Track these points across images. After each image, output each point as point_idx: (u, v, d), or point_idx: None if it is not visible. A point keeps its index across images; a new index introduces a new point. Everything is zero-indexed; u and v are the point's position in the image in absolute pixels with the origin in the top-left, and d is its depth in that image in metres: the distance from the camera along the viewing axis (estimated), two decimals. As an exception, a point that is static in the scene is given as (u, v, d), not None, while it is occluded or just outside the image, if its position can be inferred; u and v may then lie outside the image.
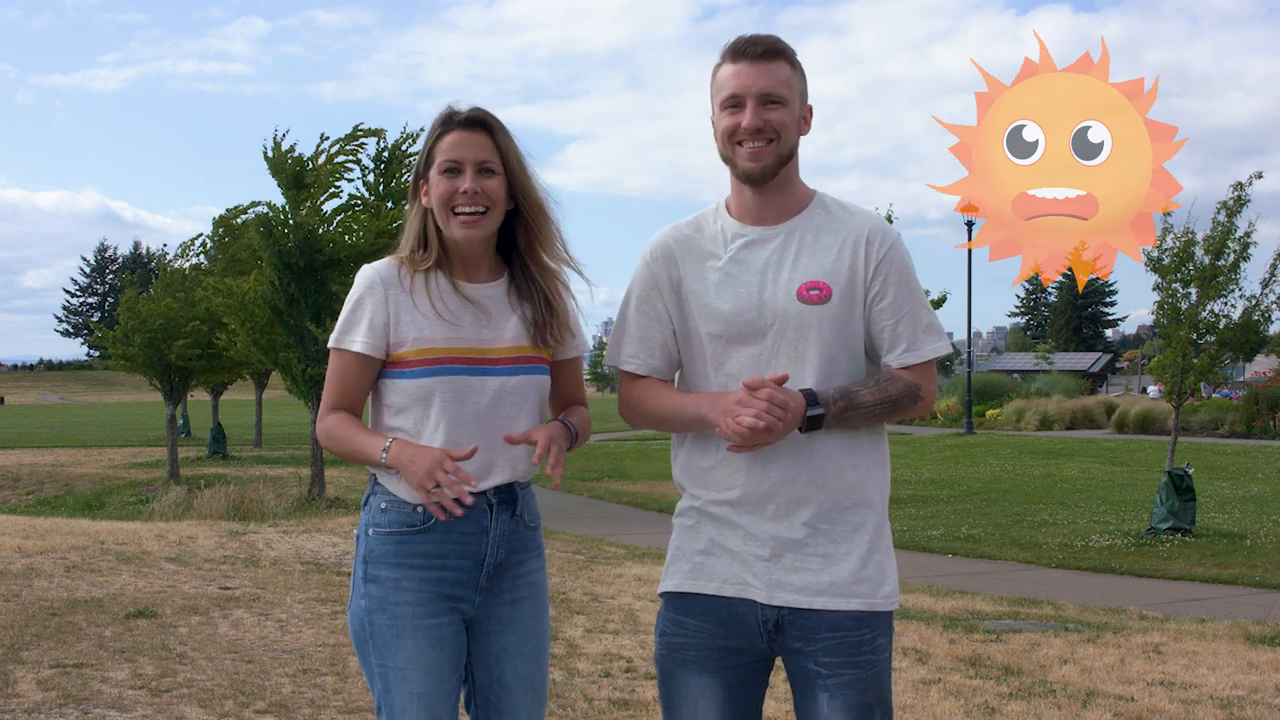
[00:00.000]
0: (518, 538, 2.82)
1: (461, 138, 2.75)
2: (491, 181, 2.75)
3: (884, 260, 2.68)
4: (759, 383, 2.54)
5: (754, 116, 2.64)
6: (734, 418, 2.53)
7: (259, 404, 34.74)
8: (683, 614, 2.72)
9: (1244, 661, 6.56)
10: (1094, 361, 69.83)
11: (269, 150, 17.53)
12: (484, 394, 2.74)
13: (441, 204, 2.75)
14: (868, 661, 2.63)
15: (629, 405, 2.83)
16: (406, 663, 2.69)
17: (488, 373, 2.74)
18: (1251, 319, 13.44)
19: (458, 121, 2.76)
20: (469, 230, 2.74)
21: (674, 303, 2.75)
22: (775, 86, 2.65)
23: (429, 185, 2.77)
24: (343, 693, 5.58)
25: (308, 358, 17.33)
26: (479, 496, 2.74)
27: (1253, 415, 32.22)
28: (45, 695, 5.41)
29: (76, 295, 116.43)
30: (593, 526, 14.87)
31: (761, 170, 2.67)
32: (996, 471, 22.75)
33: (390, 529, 2.74)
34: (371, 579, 2.74)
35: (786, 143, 2.67)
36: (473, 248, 2.78)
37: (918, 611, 8.16)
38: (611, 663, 6.26)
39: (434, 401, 2.71)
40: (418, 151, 2.92)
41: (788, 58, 2.69)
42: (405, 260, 2.78)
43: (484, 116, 2.78)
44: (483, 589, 2.77)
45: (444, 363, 2.71)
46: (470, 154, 2.73)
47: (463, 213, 2.73)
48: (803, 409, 2.56)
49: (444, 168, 2.74)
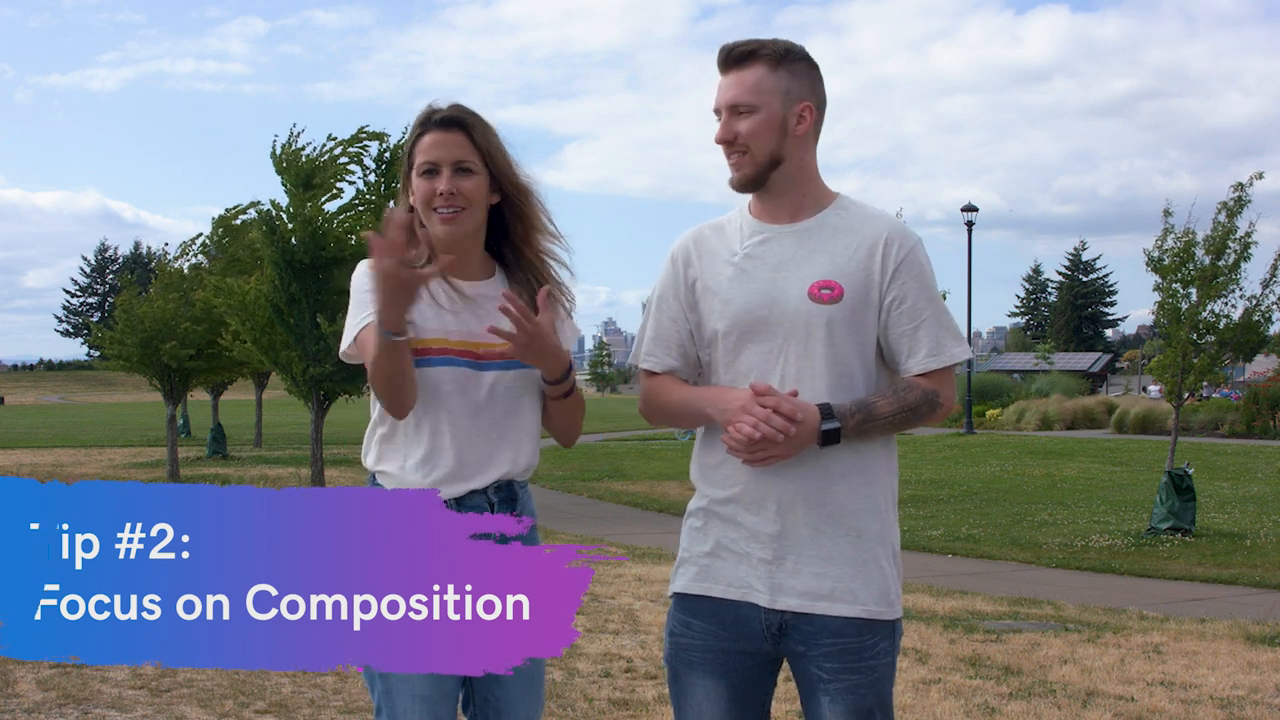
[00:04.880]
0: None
1: (438, 138, 2.76)
2: (468, 181, 2.75)
3: (903, 264, 2.64)
4: (767, 389, 2.52)
5: (723, 129, 2.63)
6: (733, 424, 2.52)
7: (259, 404, 34.72)
8: (690, 615, 2.71)
9: (1244, 661, 6.56)
10: (1094, 361, 69.76)
11: (278, 148, 17.56)
12: (481, 389, 2.74)
13: (423, 205, 2.77)
14: (869, 668, 2.61)
15: (645, 400, 2.82)
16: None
17: (484, 367, 2.75)
18: (1252, 319, 13.44)
19: (434, 122, 2.77)
20: (448, 227, 2.75)
21: (690, 302, 2.74)
22: (741, 95, 2.62)
23: (412, 186, 2.80)
24: (343, 693, 5.58)
25: (309, 358, 17.33)
26: (479, 495, 2.74)
27: (1253, 415, 32.21)
28: (45, 695, 5.41)
29: (77, 295, 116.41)
30: (593, 526, 14.87)
31: (742, 180, 2.65)
32: (996, 471, 22.74)
33: None
34: None
35: (762, 150, 2.62)
36: (458, 245, 2.78)
37: (918, 611, 8.16)
38: (611, 663, 6.26)
39: (440, 391, 2.71)
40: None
41: (764, 59, 2.63)
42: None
43: (460, 115, 2.78)
44: None
45: (446, 354, 2.72)
46: (446, 154, 2.74)
47: (442, 211, 2.74)
48: (817, 422, 2.53)
49: (422, 169, 2.76)
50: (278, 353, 17.99)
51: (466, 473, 2.74)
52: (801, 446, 2.54)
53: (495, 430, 2.75)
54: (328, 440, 20.84)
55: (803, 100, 2.66)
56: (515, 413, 2.79)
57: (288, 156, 17.55)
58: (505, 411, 2.77)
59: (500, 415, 2.76)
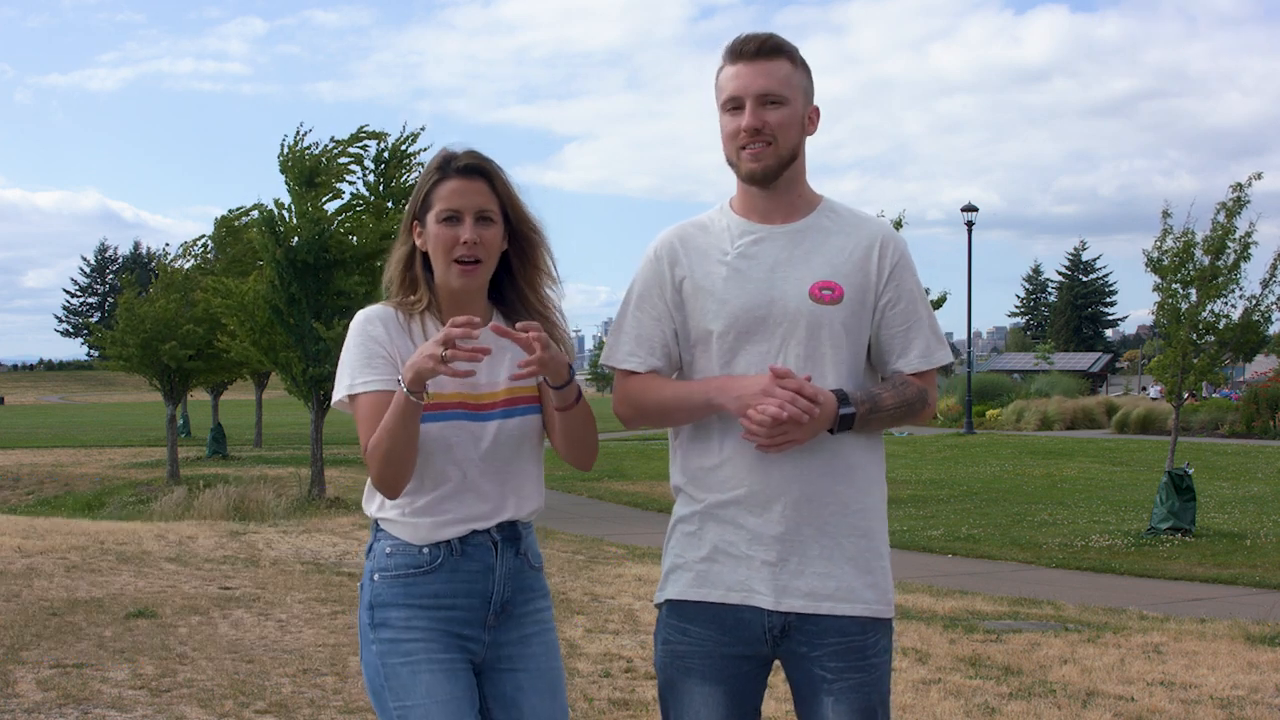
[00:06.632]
0: (523, 577, 2.78)
1: (461, 186, 2.70)
2: (489, 231, 2.71)
3: (896, 266, 2.67)
4: (786, 371, 2.50)
5: (752, 117, 2.61)
6: (757, 407, 2.49)
7: (259, 404, 34.75)
8: (687, 621, 2.68)
9: (1244, 661, 6.56)
10: (1094, 361, 69.79)
11: (285, 147, 17.58)
12: (484, 439, 2.70)
13: (442, 252, 2.70)
14: (872, 665, 2.62)
15: (626, 400, 2.76)
16: (425, 697, 2.63)
17: (486, 418, 2.71)
18: (1251, 319, 13.45)
19: (455, 169, 2.72)
20: (466, 279, 2.70)
21: (676, 302, 2.71)
22: (773, 86, 2.61)
23: (424, 230, 2.73)
24: (343, 693, 5.58)
25: (308, 358, 17.33)
26: (483, 534, 2.72)
27: (1253, 415, 32.21)
28: (45, 695, 5.41)
29: (77, 295, 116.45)
30: (593, 526, 14.87)
31: (764, 171, 2.63)
32: (996, 471, 22.76)
33: (397, 572, 2.70)
34: (380, 623, 2.69)
35: (787, 143, 2.63)
36: (468, 295, 2.74)
37: (918, 611, 8.16)
38: (611, 663, 6.26)
39: (442, 444, 2.66)
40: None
41: (788, 55, 2.65)
42: (399, 305, 2.75)
43: (482, 164, 2.74)
44: (490, 628, 2.73)
45: (451, 408, 2.67)
46: (470, 203, 2.69)
47: (464, 261, 2.69)
48: (834, 407, 2.53)
49: (443, 216, 2.69)
50: (277, 353, 18.00)
51: (470, 515, 2.70)
52: (817, 432, 2.54)
53: (499, 476, 2.72)
54: (328, 440, 20.82)
55: (811, 102, 2.71)
56: (517, 459, 2.75)
57: (294, 156, 17.58)
58: (506, 460, 2.73)
59: (502, 463, 2.73)
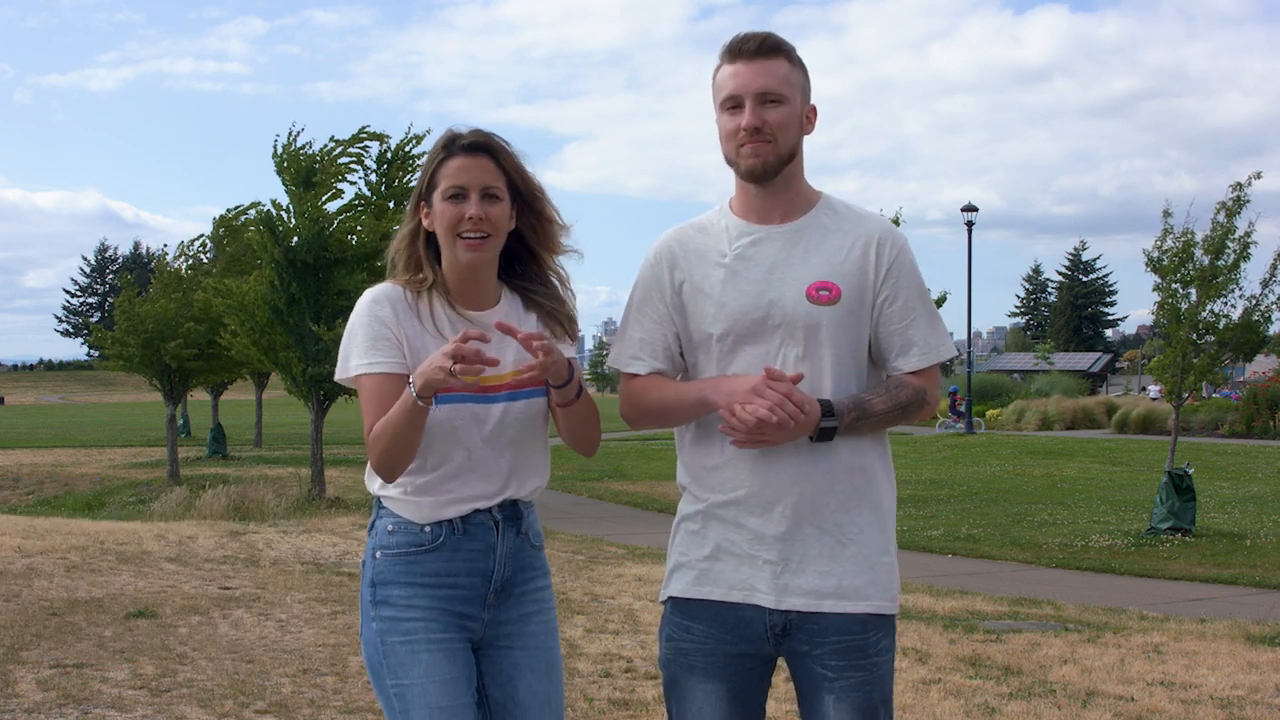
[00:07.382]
0: (524, 556, 2.79)
1: (465, 163, 2.71)
2: (495, 208, 2.71)
3: (895, 264, 2.66)
4: (780, 374, 2.51)
5: (752, 116, 2.61)
6: (744, 406, 2.50)
7: (259, 404, 34.76)
8: (690, 619, 2.69)
9: (1244, 661, 6.56)
10: (1094, 361, 69.81)
11: (279, 146, 17.55)
12: (489, 421, 2.71)
13: (447, 229, 2.71)
14: (873, 664, 2.62)
15: (629, 402, 2.79)
16: (424, 676, 2.65)
17: (492, 400, 2.72)
18: (1251, 319, 13.45)
19: (460, 146, 2.73)
20: (473, 254, 2.71)
21: (676, 305, 2.72)
22: (773, 85, 2.62)
23: (431, 209, 2.74)
24: (343, 693, 5.58)
25: (308, 358, 17.33)
26: (485, 514, 2.72)
27: (1253, 415, 32.23)
28: (45, 695, 5.41)
29: (77, 295, 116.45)
30: (593, 526, 14.88)
31: (764, 168, 2.63)
32: (996, 471, 22.76)
33: (399, 550, 2.71)
34: (382, 601, 2.70)
35: (786, 142, 2.63)
36: (475, 273, 2.75)
37: (918, 611, 8.16)
38: (611, 663, 6.26)
39: (447, 426, 2.67)
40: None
41: (786, 54, 2.65)
42: (406, 284, 2.75)
43: (487, 141, 2.75)
44: (490, 606, 2.74)
45: (451, 391, 2.65)
46: (475, 179, 2.70)
47: (469, 237, 2.70)
48: (817, 417, 2.53)
49: (448, 193, 2.70)
50: (277, 353, 17.99)
51: (472, 495, 2.71)
52: (795, 437, 2.54)
53: (503, 457, 2.73)
54: (328, 440, 20.84)
55: (809, 101, 2.71)
56: (522, 441, 2.76)
57: (288, 156, 17.56)
58: (511, 440, 2.74)
59: (506, 444, 2.73)
